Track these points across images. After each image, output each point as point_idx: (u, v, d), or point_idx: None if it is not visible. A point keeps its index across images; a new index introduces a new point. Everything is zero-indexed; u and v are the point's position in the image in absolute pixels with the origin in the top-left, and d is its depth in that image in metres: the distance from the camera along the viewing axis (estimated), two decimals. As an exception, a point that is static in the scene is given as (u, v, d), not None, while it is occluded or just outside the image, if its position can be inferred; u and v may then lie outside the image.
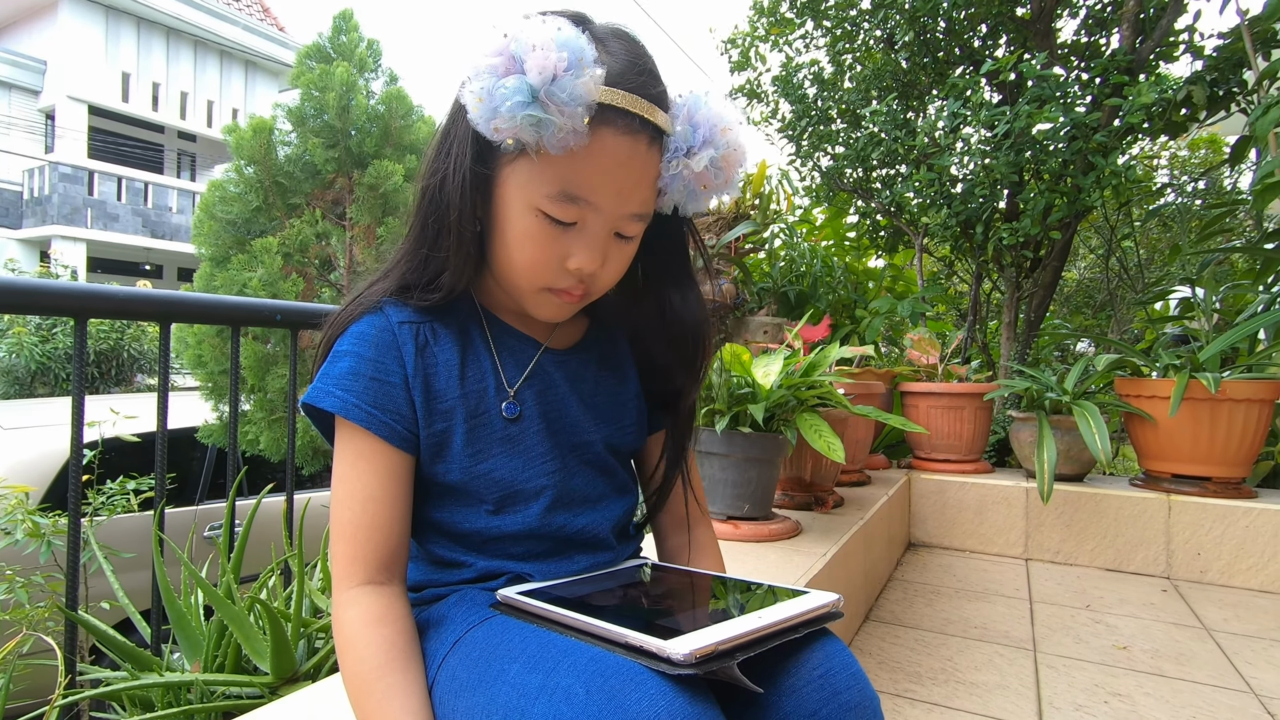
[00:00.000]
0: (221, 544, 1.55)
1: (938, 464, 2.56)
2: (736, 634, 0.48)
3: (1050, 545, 2.33)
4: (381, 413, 0.63)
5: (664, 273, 0.73)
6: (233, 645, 1.40)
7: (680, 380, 0.75)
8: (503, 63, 0.55)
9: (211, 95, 16.03)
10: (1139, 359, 2.34)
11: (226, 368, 3.83)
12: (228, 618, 1.32)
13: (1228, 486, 2.16)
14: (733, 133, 0.64)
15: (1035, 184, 2.77)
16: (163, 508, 1.54)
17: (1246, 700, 1.39)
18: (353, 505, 0.63)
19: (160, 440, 1.53)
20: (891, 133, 3.00)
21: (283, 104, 4.06)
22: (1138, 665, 1.54)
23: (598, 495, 0.72)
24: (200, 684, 1.36)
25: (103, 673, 1.46)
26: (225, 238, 3.85)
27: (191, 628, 1.47)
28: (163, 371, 1.58)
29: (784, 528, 1.58)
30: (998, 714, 1.33)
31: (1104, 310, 4.69)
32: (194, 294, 1.60)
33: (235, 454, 1.63)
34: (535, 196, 0.60)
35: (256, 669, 1.45)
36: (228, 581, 1.47)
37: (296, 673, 1.40)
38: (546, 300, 0.66)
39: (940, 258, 3.88)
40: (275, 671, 1.37)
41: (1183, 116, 2.83)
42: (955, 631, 1.72)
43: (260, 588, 1.63)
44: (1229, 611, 1.89)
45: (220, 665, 1.43)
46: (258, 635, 1.38)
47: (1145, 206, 3.68)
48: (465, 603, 0.64)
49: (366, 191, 4.00)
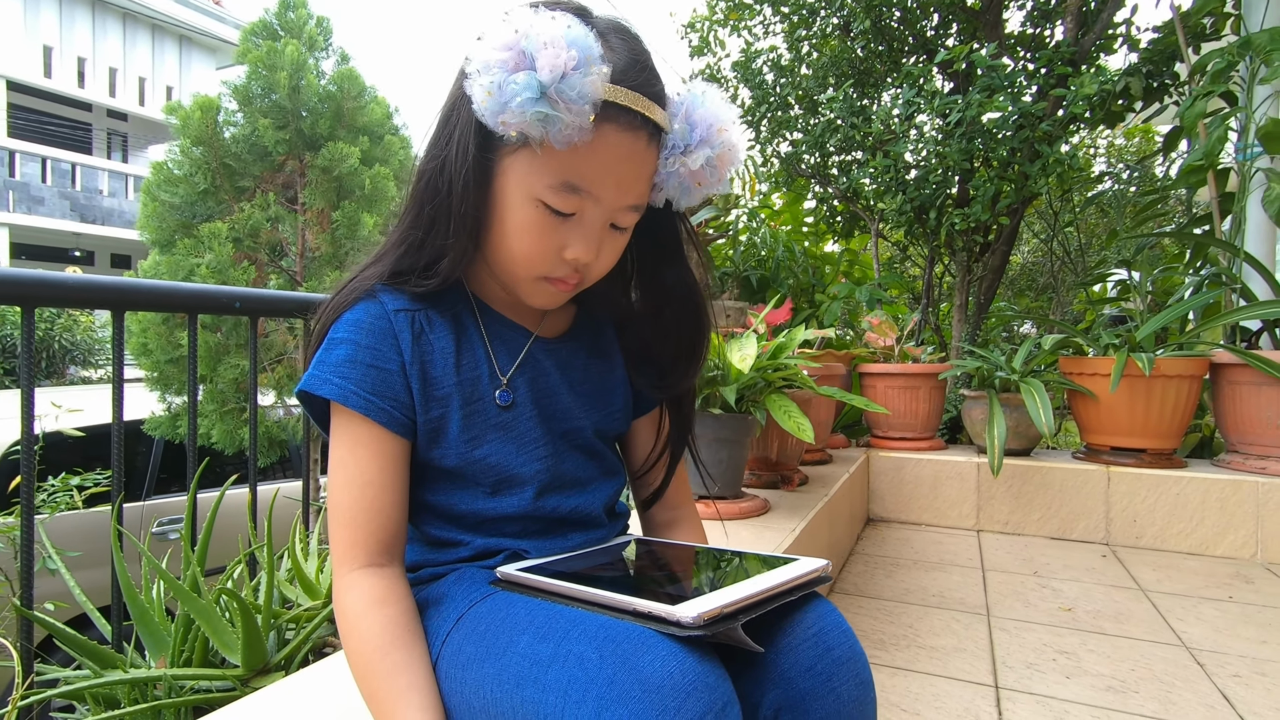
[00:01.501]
0: (184, 535, 1.52)
1: (894, 442, 2.66)
2: (739, 597, 0.51)
3: (1000, 517, 2.45)
4: (380, 399, 0.64)
5: (659, 261, 0.75)
6: (200, 639, 1.37)
7: (681, 367, 0.77)
8: (513, 57, 0.55)
9: (143, 72, 15.24)
10: (1082, 339, 2.46)
11: (174, 357, 3.70)
12: (195, 611, 1.30)
13: (1161, 457, 2.30)
14: (728, 133, 0.66)
15: (985, 171, 2.87)
16: (121, 501, 1.49)
17: (1178, 653, 1.50)
18: (351, 490, 0.63)
19: (117, 432, 1.48)
20: (848, 119, 3.06)
21: (229, 81, 3.90)
22: (1081, 625, 1.65)
23: (588, 478, 0.74)
24: (168, 679, 1.34)
25: (61, 671, 1.41)
26: (170, 221, 3.69)
27: (155, 623, 1.44)
28: (117, 362, 1.53)
29: (754, 505, 1.63)
30: (956, 675, 1.40)
31: (1045, 292, 4.90)
32: (149, 281, 1.55)
33: (194, 445, 1.60)
34: (536, 187, 0.61)
35: (224, 662, 1.43)
36: (193, 574, 1.44)
37: (268, 664, 1.39)
38: (542, 289, 0.67)
39: (894, 243, 3.98)
40: (246, 664, 1.35)
41: (1120, 107, 2.97)
42: (915, 600, 1.81)
43: (226, 579, 1.60)
44: (1162, 573, 2.02)
45: (187, 660, 1.41)
46: (226, 628, 1.36)
47: (1085, 193, 3.85)
48: (465, 580, 0.66)
49: (319, 175, 3.89)
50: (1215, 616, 1.70)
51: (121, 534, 1.44)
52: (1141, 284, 2.60)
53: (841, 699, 0.54)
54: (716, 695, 0.47)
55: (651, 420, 0.82)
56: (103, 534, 3.54)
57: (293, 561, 1.67)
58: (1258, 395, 2.17)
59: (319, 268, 4.08)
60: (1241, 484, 2.15)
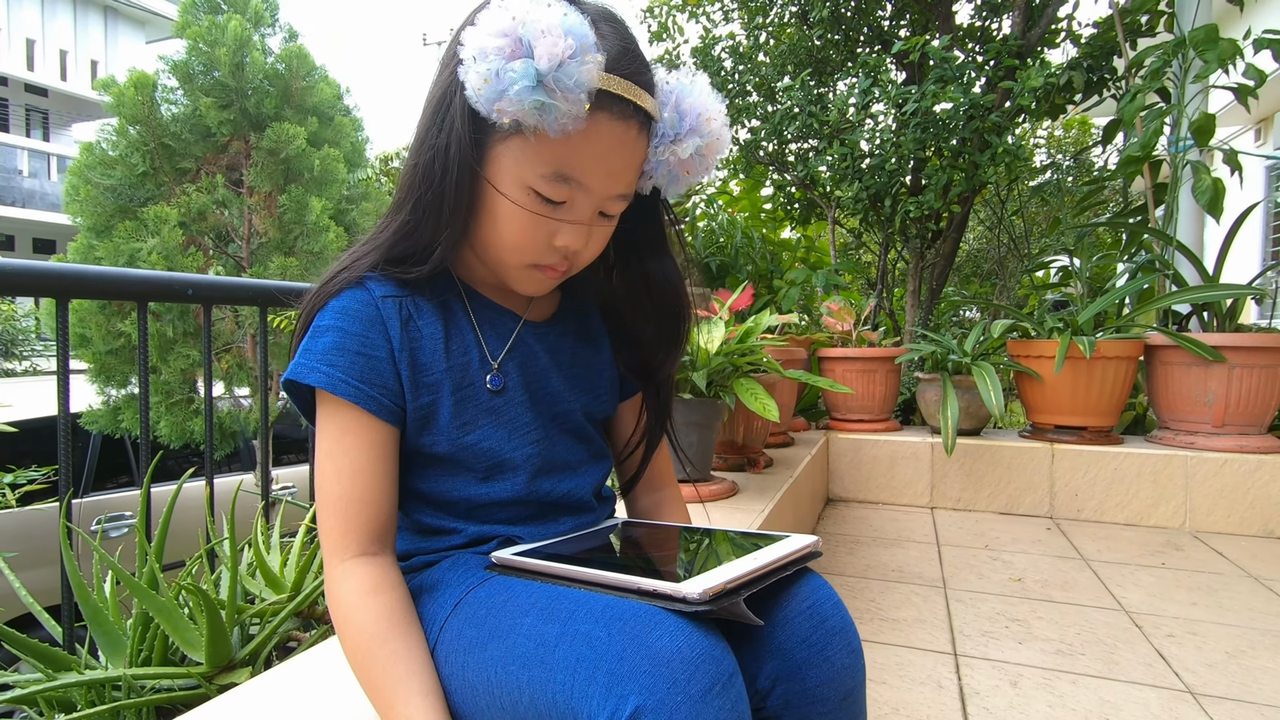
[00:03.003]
0: (139, 529, 1.46)
1: (852, 424, 2.74)
2: (741, 573, 0.53)
3: (952, 494, 2.55)
4: (369, 387, 0.63)
5: (643, 248, 0.76)
6: (159, 637, 1.34)
7: (663, 352, 0.78)
8: (510, 44, 0.55)
9: (64, 44, 14.34)
10: (1029, 323, 2.57)
11: (114, 347, 3.53)
12: (154, 609, 1.26)
13: (1100, 434, 2.43)
14: (716, 122, 0.67)
15: (937, 160, 2.96)
16: (70, 497, 1.44)
17: (1119, 617, 1.60)
18: (341, 480, 0.63)
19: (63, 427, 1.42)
20: (806, 108, 3.11)
21: (166, 57, 3.71)
22: (1031, 594, 1.74)
23: (578, 462, 0.75)
24: (128, 679, 1.30)
25: (9, 675, 1.36)
26: (106, 205, 3.51)
27: (109, 622, 1.39)
28: (62, 353, 1.46)
29: (723, 488, 1.66)
30: (918, 644, 1.47)
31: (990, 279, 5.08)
32: (96, 268, 1.49)
33: (147, 437, 1.54)
34: (528, 175, 0.61)
35: (185, 659, 1.40)
36: (150, 570, 1.40)
37: (233, 660, 1.36)
38: (530, 276, 0.67)
39: (849, 229, 4.07)
40: (210, 661, 1.32)
41: (1062, 99, 3.10)
42: (875, 576, 1.88)
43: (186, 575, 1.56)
44: (1102, 543, 2.14)
45: (146, 659, 1.37)
46: (188, 625, 1.33)
47: (1029, 182, 4.01)
48: (459, 566, 0.66)
49: (266, 156, 3.74)
50: (1151, 582, 1.82)
51: (71, 531, 1.39)
52: (1082, 270, 2.73)
53: (835, 666, 0.57)
54: (723, 667, 0.49)
55: (633, 404, 0.84)
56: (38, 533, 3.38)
57: (256, 555, 1.64)
58: (1187, 375, 2.31)
59: (266, 253, 3.94)
60: (1173, 458, 2.29)
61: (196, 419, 3.63)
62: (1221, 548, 2.09)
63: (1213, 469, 2.24)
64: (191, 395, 3.68)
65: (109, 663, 1.39)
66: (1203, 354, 2.22)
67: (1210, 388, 2.26)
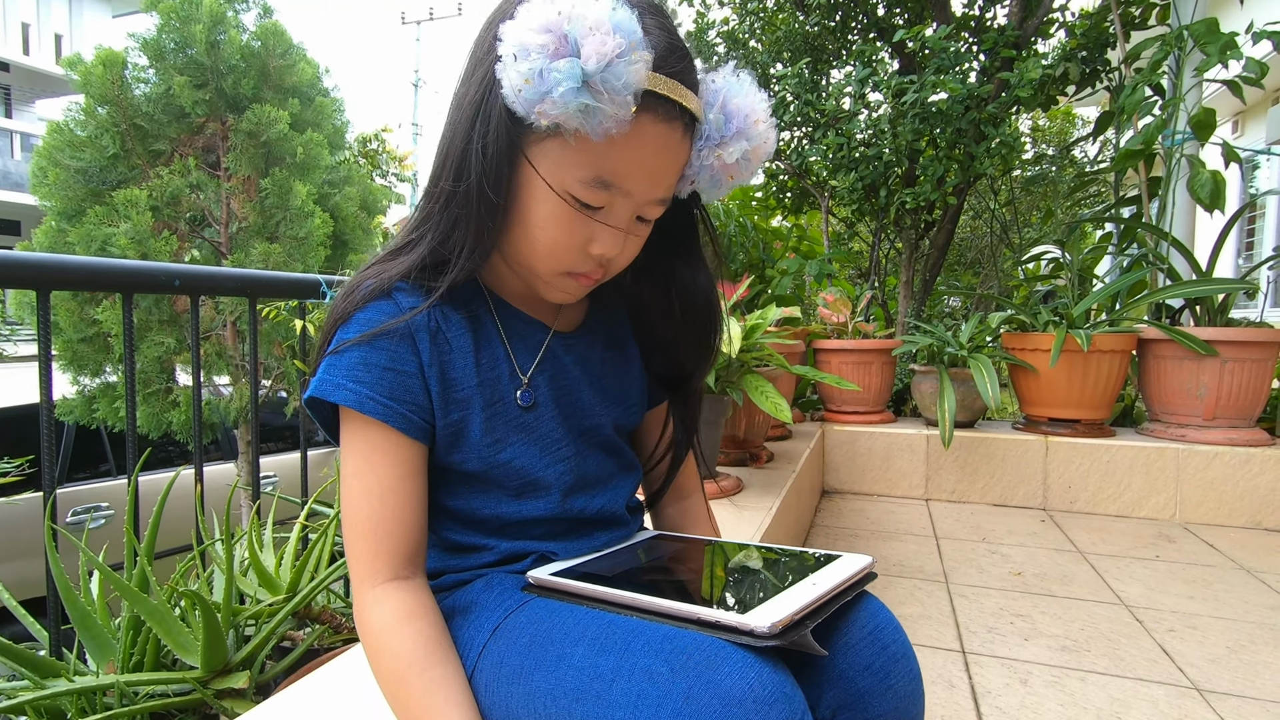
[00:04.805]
0: (127, 528, 1.41)
1: (848, 416, 2.74)
2: (806, 602, 0.50)
3: (947, 486, 2.57)
4: (398, 404, 0.60)
5: (674, 253, 0.72)
6: (151, 640, 1.29)
7: (693, 362, 0.75)
8: (554, 41, 0.51)
9: (26, 17, 13.79)
10: (1025, 315, 2.58)
11: (86, 335, 3.42)
12: (145, 612, 1.22)
13: (1093, 427, 2.46)
14: (764, 124, 0.63)
15: (931, 151, 2.94)
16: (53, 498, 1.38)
17: (1119, 611, 1.62)
18: (370, 500, 0.59)
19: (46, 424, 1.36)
20: (802, 95, 3.07)
21: (137, 34, 3.56)
22: (1031, 588, 1.75)
23: (609, 475, 0.72)
24: (120, 685, 1.25)
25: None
26: (77, 188, 3.37)
27: (98, 626, 1.34)
28: (43, 346, 1.40)
29: (729, 485, 1.64)
30: (926, 641, 1.47)
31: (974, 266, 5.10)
32: (78, 258, 1.43)
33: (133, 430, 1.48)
34: (567, 180, 0.58)
35: (176, 663, 1.36)
36: (140, 572, 1.35)
37: (229, 663, 1.32)
38: (563, 283, 0.64)
39: (841, 218, 4.06)
40: (205, 665, 1.28)
41: (1056, 90, 3.09)
42: (878, 570, 1.87)
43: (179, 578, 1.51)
44: (1095, 535, 2.17)
45: (138, 664, 1.32)
46: (181, 628, 1.28)
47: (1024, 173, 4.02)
48: (494, 587, 0.63)
49: (245, 139, 3.62)
50: (1146, 575, 1.84)
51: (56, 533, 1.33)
52: (1073, 263, 2.74)
53: (899, 694, 0.55)
54: (794, 705, 0.46)
55: (658, 412, 0.81)
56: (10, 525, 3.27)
57: (250, 554, 1.59)
58: (1180, 369, 2.33)
59: (246, 239, 3.83)
60: (1164, 451, 2.32)
61: (174, 410, 3.54)
62: (1212, 539, 2.13)
63: (1203, 461, 2.27)
64: (170, 385, 3.58)
65: (98, 667, 1.34)
66: (1195, 348, 2.24)
67: (1202, 381, 2.29)
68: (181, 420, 3.52)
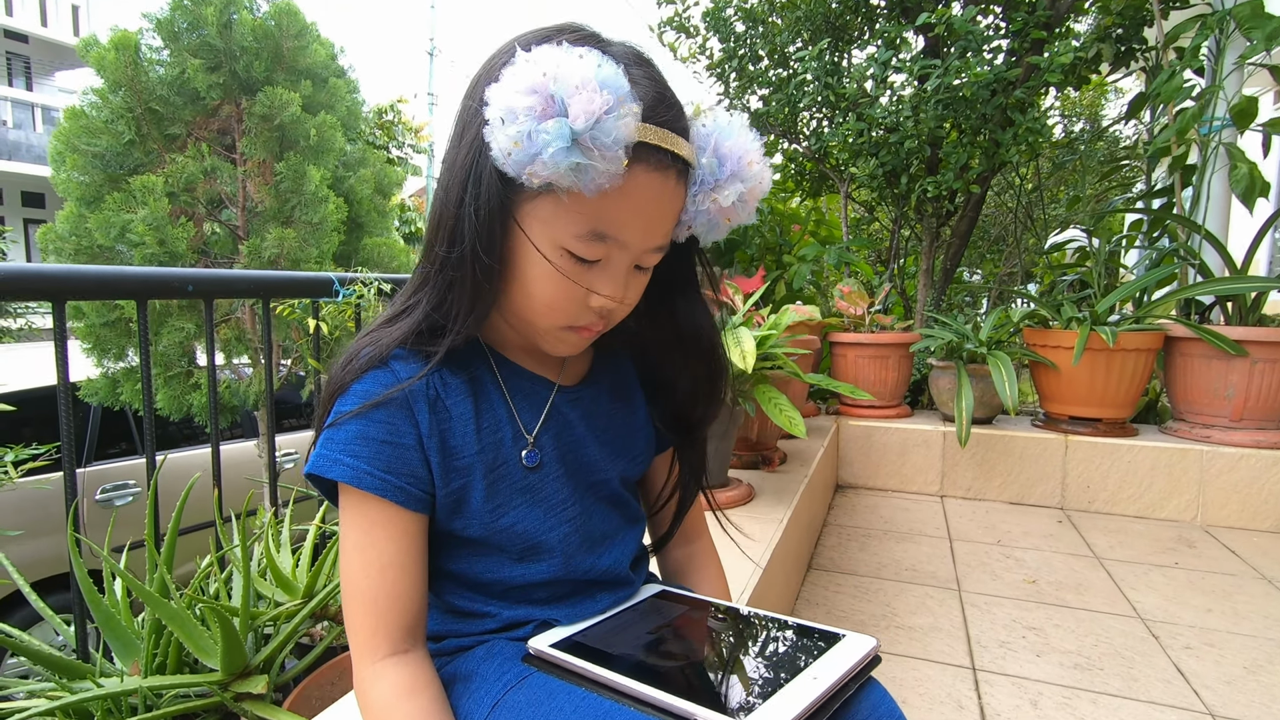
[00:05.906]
0: (148, 537, 1.44)
1: (863, 409, 2.71)
2: (806, 705, 0.49)
3: (963, 483, 2.54)
4: (396, 477, 0.59)
5: (671, 290, 0.71)
6: (173, 642, 1.33)
7: (700, 408, 0.74)
8: (540, 103, 0.50)
9: (43, -13, 13.78)
10: (1048, 310, 2.52)
11: (109, 319, 3.46)
12: (166, 617, 1.25)
13: (1115, 426, 2.41)
14: (757, 165, 0.62)
15: (955, 136, 2.85)
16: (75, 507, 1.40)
17: (1134, 625, 1.60)
18: (370, 574, 0.59)
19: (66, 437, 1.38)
20: (822, 79, 2.98)
21: (150, 14, 3.52)
22: (1045, 598, 1.74)
23: (614, 530, 0.71)
24: (143, 690, 1.29)
25: (22, 684, 1.35)
26: (94, 174, 3.39)
27: (122, 627, 1.38)
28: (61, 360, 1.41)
29: (740, 493, 1.64)
30: (936, 657, 1.46)
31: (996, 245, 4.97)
32: (91, 267, 1.44)
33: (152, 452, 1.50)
34: (562, 236, 0.57)
35: (197, 663, 1.39)
36: (160, 577, 1.38)
37: (249, 666, 1.35)
38: (564, 337, 0.63)
39: (861, 203, 3.97)
40: (225, 668, 1.31)
41: (1088, 71, 2.97)
42: (889, 575, 1.87)
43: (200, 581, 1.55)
44: (1113, 538, 2.14)
45: (160, 666, 1.36)
46: (201, 631, 1.32)
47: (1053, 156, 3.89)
48: (495, 657, 0.63)
49: (259, 123, 3.60)
50: (1164, 584, 1.82)
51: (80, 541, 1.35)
52: (1100, 251, 2.66)
53: (900, 791, 0.54)
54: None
55: (665, 457, 0.80)
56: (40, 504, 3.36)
57: (267, 557, 1.62)
58: (1208, 368, 2.27)
59: (263, 223, 3.84)
60: (1188, 451, 2.27)
61: (195, 392, 3.59)
62: (1233, 544, 2.09)
63: (1228, 463, 2.23)
64: (191, 369, 3.63)
65: (124, 667, 1.38)
66: (1225, 347, 2.17)
67: (1231, 381, 2.23)
68: (201, 403, 3.58)
